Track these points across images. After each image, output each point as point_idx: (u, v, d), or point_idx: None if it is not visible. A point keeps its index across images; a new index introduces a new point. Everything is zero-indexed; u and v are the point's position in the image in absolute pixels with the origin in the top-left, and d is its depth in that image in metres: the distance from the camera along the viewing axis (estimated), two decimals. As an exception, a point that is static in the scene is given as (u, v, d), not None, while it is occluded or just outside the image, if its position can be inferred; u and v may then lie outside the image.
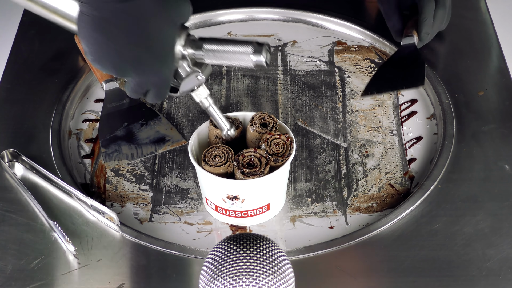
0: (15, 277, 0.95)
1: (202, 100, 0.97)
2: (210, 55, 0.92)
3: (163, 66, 0.91)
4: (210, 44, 0.92)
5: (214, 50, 0.92)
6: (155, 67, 0.91)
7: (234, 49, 0.91)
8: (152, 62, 0.90)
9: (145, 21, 0.88)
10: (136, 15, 0.87)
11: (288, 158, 0.98)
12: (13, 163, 1.09)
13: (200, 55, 0.92)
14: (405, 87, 1.18)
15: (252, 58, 0.91)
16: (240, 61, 0.92)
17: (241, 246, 0.84)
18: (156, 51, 0.90)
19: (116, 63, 0.89)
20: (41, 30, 1.33)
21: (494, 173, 1.06)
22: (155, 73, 0.91)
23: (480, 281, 0.94)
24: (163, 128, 1.15)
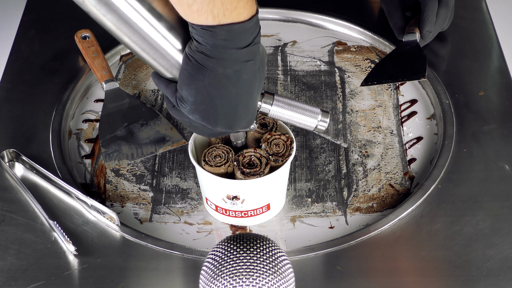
0: (15, 277, 0.95)
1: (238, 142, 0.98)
2: (276, 111, 0.94)
3: (249, 124, 0.91)
4: (280, 102, 0.93)
5: (282, 107, 0.93)
6: (243, 125, 0.90)
7: (302, 112, 0.94)
8: (244, 120, 0.89)
9: (254, 82, 0.86)
10: (250, 75, 0.85)
11: (288, 158, 0.98)
12: (13, 163, 1.09)
13: (266, 109, 0.93)
14: (406, 79, 1.18)
15: (319, 122, 0.95)
16: (304, 122, 0.95)
17: (241, 246, 0.84)
18: (251, 110, 0.89)
19: (218, 117, 0.86)
20: (41, 30, 1.33)
21: (494, 173, 1.06)
22: (238, 128, 0.90)
23: (480, 281, 0.94)
24: (163, 128, 1.15)
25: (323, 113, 0.95)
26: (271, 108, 0.93)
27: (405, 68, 1.18)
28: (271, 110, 0.93)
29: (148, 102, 1.21)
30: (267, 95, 0.93)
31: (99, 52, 1.24)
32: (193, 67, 0.83)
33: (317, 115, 0.94)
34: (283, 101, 0.94)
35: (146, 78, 1.25)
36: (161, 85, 0.89)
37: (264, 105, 0.93)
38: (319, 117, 0.94)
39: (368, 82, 1.18)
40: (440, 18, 1.21)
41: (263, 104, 0.93)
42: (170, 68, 0.86)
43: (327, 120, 0.95)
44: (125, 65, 1.28)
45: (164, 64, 0.86)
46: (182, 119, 0.90)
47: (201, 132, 0.91)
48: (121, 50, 1.29)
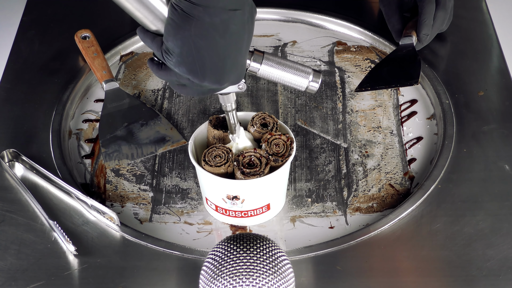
0: (15, 277, 0.95)
1: (228, 104, 0.96)
2: (266, 70, 0.92)
3: (238, 78, 0.89)
4: (269, 61, 0.92)
5: (272, 66, 0.92)
6: (231, 79, 0.88)
7: (293, 71, 0.93)
8: (233, 74, 0.87)
9: (242, 33, 0.84)
10: (238, 25, 0.83)
11: (288, 158, 0.98)
12: (13, 163, 1.09)
13: (255, 68, 0.92)
14: (399, 85, 1.18)
15: (310, 82, 0.93)
16: (295, 81, 0.93)
17: (241, 246, 0.84)
18: (240, 65, 0.87)
19: (205, 70, 0.84)
20: (41, 30, 1.33)
21: (494, 173, 1.06)
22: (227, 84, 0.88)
23: (480, 281, 0.94)
24: (163, 128, 1.16)
25: (314, 73, 0.93)
26: (261, 67, 0.92)
27: (399, 74, 1.19)
28: (261, 69, 0.92)
29: (148, 102, 1.21)
30: (257, 53, 0.91)
31: (99, 52, 1.24)
32: (179, 17, 0.82)
33: (309, 75, 0.93)
34: (273, 60, 0.92)
35: (146, 78, 1.25)
36: (146, 40, 0.87)
37: (253, 63, 0.91)
38: (311, 77, 0.93)
39: (362, 88, 1.19)
40: (438, 20, 1.21)
41: (252, 62, 0.91)
42: (154, 20, 0.85)
43: (318, 81, 0.93)
44: (125, 65, 1.28)
45: (148, 15, 0.84)
46: (170, 78, 0.88)
47: (189, 91, 0.89)
48: (121, 50, 1.29)
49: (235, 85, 0.91)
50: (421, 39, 1.21)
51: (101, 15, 1.35)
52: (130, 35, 1.30)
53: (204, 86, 0.87)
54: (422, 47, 1.23)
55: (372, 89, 1.18)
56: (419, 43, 1.22)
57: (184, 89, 0.89)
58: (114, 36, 1.30)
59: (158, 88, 1.24)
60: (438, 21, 1.21)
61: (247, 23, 0.84)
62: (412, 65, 1.18)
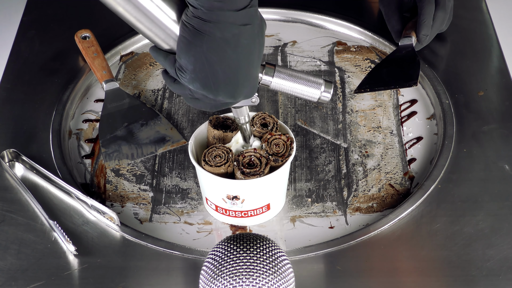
0: (15, 277, 0.95)
1: (241, 117, 0.96)
2: (278, 83, 0.92)
3: (252, 92, 0.89)
4: (281, 73, 0.92)
5: (284, 79, 0.92)
6: (245, 93, 0.88)
7: (305, 83, 0.93)
8: (247, 88, 0.88)
9: (254, 47, 0.85)
10: (249, 39, 0.84)
11: (288, 158, 0.98)
12: (13, 163, 1.09)
13: (267, 81, 0.92)
14: (398, 86, 1.18)
15: (321, 94, 0.93)
16: (307, 93, 0.93)
17: (241, 246, 0.84)
18: (252, 78, 0.88)
19: (219, 84, 0.85)
20: (41, 30, 1.33)
21: (494, 173, 1.06)
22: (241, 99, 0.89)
23: (480, 281, 0.94)
24: (163, 128, 1.15)
25: (326, 83, 0.93)
26: (273, 79, 0.92)
27: (398, 75, 1.19)
28: (273, 81, 0.92)
29: (148, 102, 1.21)
30: (268, 66, 0.92)
31: (99, 52, 1.24)
32: (190, 34, 0.82)
33: (320, 86, 0.93)
34: (285, 72, 0.92)
35: (146, 78, 1.25)
36: (159, 58, 0.87)
37: (265, 76, 0.91)
38: (322, 88, 0.93)
39: (361, 90, 1.19)
40: (437, 21, 1.21)
41: (264, 76, 0.91)
42: (166, 39, 0.85)
43: (330, 91, 0.93)
44: (125, 65, 1.28)
45: (160, 34, 0.85)
46: (183, 92, 0.88)
47: (203, 105, 0.89)
48: (121, 50, 1.29)
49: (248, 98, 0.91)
50: (421, 39, 1.21)
51: (101, 15, 1.35)
52: (130, 35, 1.30)
53: (218, 100, 0.88)
54: (421, 48, 1.23)
55: (371, 90, 1.18)
56: (419, 44, 1.22)
57: (198, 103, 0.90)
58: (114, 36, 1.30)
59: (158, 88, 1.24)
60: (437, 22, 1.21)
61: (258, 37, 0.85)
62: (411, 66, 1.18)
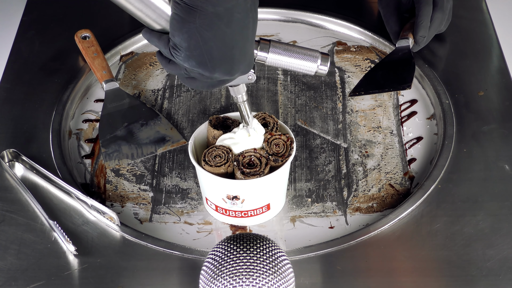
0: (15, 277, 0.95)
1: (238, 96, 0.95)
2: (274, 58, 0.92)
3: (248, 68, 0.89)
4: (276, 48, 0.92)
5: (279, 53, 0.92)
6: (242, 69, 0.87)
7: (301, 57, 0.92)
8: (243, 63, 0.87)
9: (247, 21, 0.84)
10: (242, 13, 0.83)
11: (288, 158, 0.98)
12: (13, 163, 1.09)
13: (263, 57, 0.91)
14: (392, 89, 1.18)
15: (318, 66, 0.92)
16: (304, 66, 0.93)
17: (241, 246, 0.84)
18: (248, 53, 0.87)
19: (215, 60, 0.84)
20: (41, 30, 1.33)
21: (494, 173, 1.06)
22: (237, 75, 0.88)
23: (480, 281, 0.94)
24: (163, 128, 1.16)
25: (323, 56, 0.93)
26: (268, 55, 0.91)
27: (393, 78, 1.19)
28: (268, 57, 0.91)
29: (148, 102, 1.21)
30: (263, 41, 0.91)
31: (99, 52, 1.24)
32: (183, 10, 0.82)
33: (317, 59, 0.92)
34: (280, 47, 0.92)
35: (146, 78, 1.25)
36: (153, 39, 0.87)
37: (260, 52, 0.91)
38: (319, 61, 0.92)
39: (356, 92, 1.19)
40: (435, 22, 1.21)
41: (259, 52, 0.91)
42: (158, 19, 0.85)
43: (327, 64, 0.93)
44: (125, 65, 1.28)
45: (151, 14, 0.85)
46: (179, 72, 0.88)
47: (200, 84, 0.89)
48: (121, 50, 1.29)
49: (244, 75, 0.90)
50: (418, 41, 1.21)
51: (101, 15, 1.35)
52: (130, 35, 1.30)
53: (214, 77, 0.87)
54: (420, 49, 1.23)
55: (366, 93, 1.18)
56: (416, 45, 1.22)
57: (193, 82, 0.89)
58: (114, 36, 1.30)
59: (158, 88, 1.24)
60: (435, 23, 1.21)
61: (251, 11, 0.85)
62: (406, 69, 1.18)
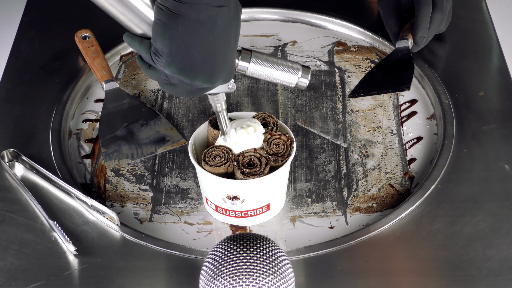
0: (15, 277, 0.95)
1: (218, 104, 0.95)
2: (254, 69, 0.92)
3: (229, 76, 0.88)
4: (257, 59, 0.92)
5: (260, 64, 0.92)
6: (222, 77, 0.87)
7: (282, 68, 0.92)
8: (224, 72, 0.87)
9: (230, 30, 0.84)
10: (225, 22, 0.83)
11: (288, 158, 0.98)
12: (13, 163, 1.09)
13: (244, 67, 0.92)
14: (391, 90, 1.18)
15: (299, 78, 0.93)
16: (284, 78, 0.93)
17: (241, 246, 0.84)
18: (229, 62, 0.87)
19: (196, 68, 0.84)
20: (41, 30, 1.33)
21: (494, 173, 1.06)
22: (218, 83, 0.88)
23: (480, 281, 0.94)
24: (163, 128, 1.16)
25: (303, 68, 0.92)
26: (249, 65, 0.91)
27: (392, 79, 1.19)
28: (249, 67, 0.91)
29: (148, 102, 1.21)
30: (245, 51, 0.91)
31: (99, 52, 1.24)
32: (166, 16, 0.82)
33: (297, 71, 0.92)
34: (261, 58, 0.92)
35: (146, 78, 1.25)
36: (134, 44, 0.86)
37: (241, 62, 0.91)
38: (299, 73, 0.92)
39: (355, 94, 1.19)
40: (435, 22, 1.21)
41: (240, 61, 0.91)
42: (140, 24, 0.85)
43: (308, 76, 0.92)
44: (125, 65, 1.28)
45: (133, 19, 0.84)
46: (159, 77, 0.88)
47: (180, 91, 0.88)
48: (121, 50, 1.29)
49: (225, 84, 0.90)
50: (417, 41, 1.21)
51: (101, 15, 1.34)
52: (130, 35, 1.30)
53: (195, 85, 0.87)
54: (419, 49, 1.23)
55: (365, 95, 1.18)
56: (416, 46, 1.22)
57: (173, 89, 0.89)
58: (114, 36, 1.29)
59: (158, 88, 1.24)
60: (435, 23, 1.21)
61: (234, 20, 0.85)
62: (405, 70, 1.18)
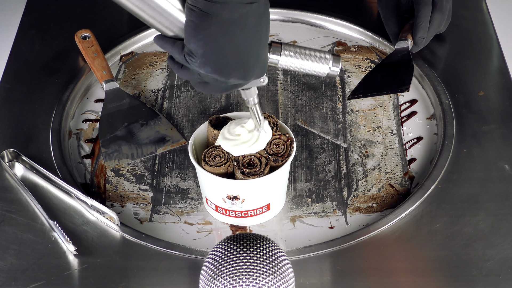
0: (15, 277, 0.95)
1: (250, 98, 0.95)
2: (286, 61, 0.92)
3: (262, 71, 0.89)
4: (288, 51, 0.92)
5: (291, 56, 0.92)
6: (256, 73, 0.88)
7: (313, 59, 0.92)
8: (258, 68, 0.87)
9: (261, 26, 0.85)
10: (256, 18, 0.83)
11: (288, 158, 0.98)
12: (13, 163, 1.09)
13: (275, 60, 0.92)
14: (390, 91, 1.18)
15: (330, 68, 0.93)
16: (315, 68, 0.93)
17: (241, 246, 0.84)
18: (262, 58, 0.87)
19: (230, 66, 0.85)
20: (41, 30, 1.33)
21: (494, 173, 1.06)
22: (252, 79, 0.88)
23: (480, 281, 0.94)
24: (163, 128, 1.16)
25: (334, 57, 0.93)
26: (280, 58, 0.92)
27: (391, 80, 1.19)
28: (280, 60, 0.92)
29: (148, 102, 1.21)
30: (275, 45, 0.91)
31: (99, 52, 1.24)
32: (198, 16, 0.82)
33: (328, 61, 0.93)
34: (291, 50, 0.92)
35: (146, 78, 1.25)
36: (166, 45, 0.87)
37: (272, 55, 0.91)
38: (331, 63, 0.93)
39: (354, 95, 1.19)
40: (434, 23, 1.21)
41: (271, 55, 0.91)
42: (171, 26, 0.85)
43: (339, 65, 0.93)
44: (125, 65, 1.28)
45: (164, 22, 0.85)
46: (192, 77, 0.88)
47: (213, 88, 0.89)
48: (121, 50, 1.29)
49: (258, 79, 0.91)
50: (417, 42, 1.21)
51: (101, 15, 1.35)
52: (130, 35, 1.30)
53: (229, 82, 0.87)
54: (419, 50, 1.23)
55: (364, 96, 1.18)
56: (415, 46, 1.22)
57: (206, 87, 0.89)
58: (114, 36, 1.30)
59: (158, 88, 1.24)
60: (434, 24, 1.21)
61: (264, 16, 0.85)
62: (405, 71, 1.18)
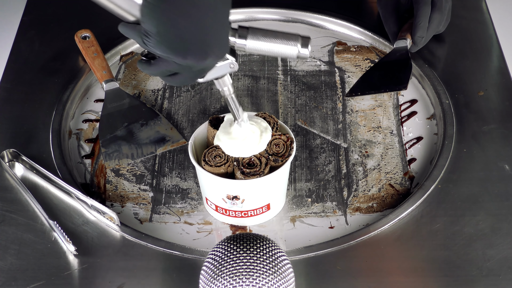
0: (15, 277, 0.95)
1: (224, 88, 0.94)
2: (253, 44, 0.91)
3: (222, 51, 0.88)
4: (255, 34, 0.91)
5: (258, 39, 0.91)
6: (215, 53, 0.87)
7: (280, 41, 0.91)
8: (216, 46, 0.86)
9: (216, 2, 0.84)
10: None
11: (288, 158, 0.98)
12: (13, 163, 1.09)
13: (242, 44, 0.91)
14: (388, 90, 1.18)
15: (299, 50, 0.91)
16: (284, 51, 0.91)
17: (241, 246, 0.84)
18: (220, 36, 0.86)
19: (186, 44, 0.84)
20: (41, 30, 1.33)
21: (494, 173, 1.06)
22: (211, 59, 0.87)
23: (480, 281, 0.94)
24: (163, 128, 1.16)
25: (303, 38, 0.91)
26: (247, 42, 0.90)
27: (389, 79, 1.19)
28: (247, 44, 0.91)
29: (148, 102, 1.21)
30: (241, 29, 0.90)
31: (99, 52, 1.24)
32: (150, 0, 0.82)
33: (297, 43, 0.91)
34: (259, 33, 0.91)
35: (146, 78, 1.25)
36: (128, 31, 0.86)
37: (239, 40, 0.90)
38: (299, 45, 0.91)
39: (352, 93, 1.19)
40: (434, 22, 1.21)
41: (238, 39, 0.90)
42: (130, 9, 0.84)
43: (308, 47, 0.91)
44: (125, 65, 1.28)
45: (122, 4, 0.84)
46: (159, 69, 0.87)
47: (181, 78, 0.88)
48: (121, 50, 1.29)
49: (224, 62, 0.90)
50: (416, 41, 1.21)
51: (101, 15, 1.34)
52: (130, 35, 1.30)
53: (191, 65, 0.86)
54: (418, 49, 1.23)
55: (362, 94, 1.18)
56: (414, 46, 1.22)
57: (176, 79, 0.89)
58: (114, 36, 1.29)
59: (158, 88, 1.24)
60: (433, 23, 1.21)
61: None
62: (403, 70, 1.18)
